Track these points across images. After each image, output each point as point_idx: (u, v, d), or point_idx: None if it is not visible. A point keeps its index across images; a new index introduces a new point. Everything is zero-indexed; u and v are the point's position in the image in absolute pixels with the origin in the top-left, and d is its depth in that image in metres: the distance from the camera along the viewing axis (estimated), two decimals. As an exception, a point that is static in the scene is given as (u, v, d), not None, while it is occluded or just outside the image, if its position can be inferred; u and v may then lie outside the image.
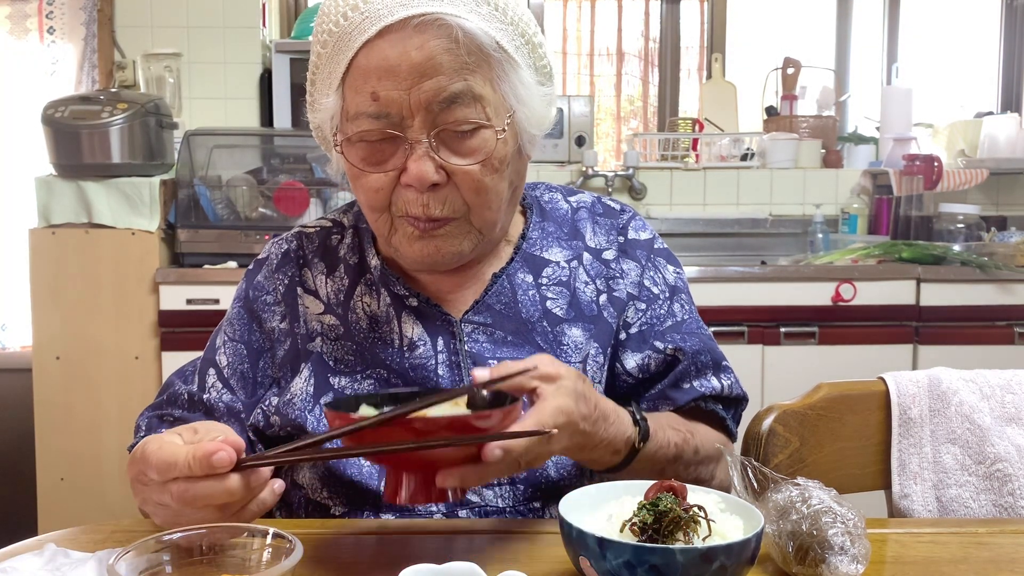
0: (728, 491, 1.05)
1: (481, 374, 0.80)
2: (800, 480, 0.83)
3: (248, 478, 0.76)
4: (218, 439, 0.79)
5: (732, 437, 1.10)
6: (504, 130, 0.95)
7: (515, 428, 0.76)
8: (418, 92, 0.90)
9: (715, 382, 1.06)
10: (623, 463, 0.92)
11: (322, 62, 0.96)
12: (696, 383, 1.05)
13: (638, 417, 0.92)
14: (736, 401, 1.10)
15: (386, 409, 0.79)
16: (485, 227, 0.98)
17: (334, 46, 0.94)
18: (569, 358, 1.02)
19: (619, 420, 0.90)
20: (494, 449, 0.74)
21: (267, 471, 0.78)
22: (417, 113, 0.91)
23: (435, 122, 0.92)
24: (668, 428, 0.97)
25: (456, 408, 0.78)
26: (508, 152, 0.96)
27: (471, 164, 0.93)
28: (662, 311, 1.08)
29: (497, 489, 0.97)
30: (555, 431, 0.78)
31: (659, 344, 1.05)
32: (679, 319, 1.09)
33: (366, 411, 0.80)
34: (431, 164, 0.92)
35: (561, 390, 0.82)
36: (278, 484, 0.80)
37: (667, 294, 1.10)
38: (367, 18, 0.91)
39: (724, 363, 1.09)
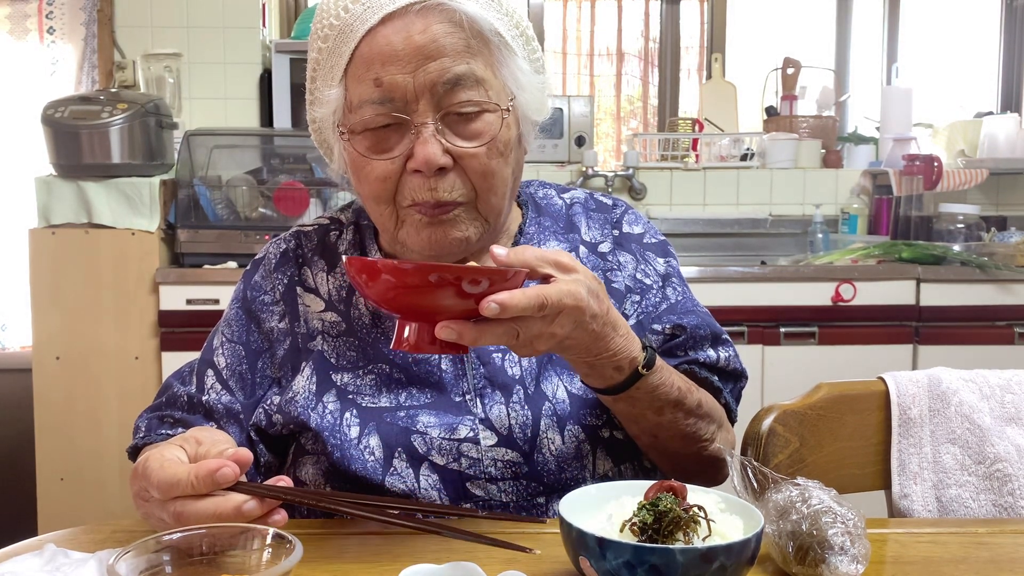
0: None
1: (500, 252, 0.80)
2: (800, 480, 0.83)
3: (240, 506, 0.77)
4: (227, 452, 0.80)
5: (730, 412, 1.08)
6: (508, 110, 0.96)
7: (517, 292, 0.76)
8: (423, 74, 0.91)
9: (711, 352, 1.05)
10: (623, 385, 0.90)
11: (323, 57, 0.97)
12: (691, 353, 1.04)
13: (647, 344, 0.92)
14: (734, 375, 1.08)
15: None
16: (491, 214, 0.99)
17: (335, 39, 0.95)
18: None
19: (629, 336, 0.89)
20: (489, 302, 0.75)
21: (270, 504, 0.79)
22: (422, 96, 0.92)
23: (440, 105, 0.93)
24: (674, 374, 0.96)
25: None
26: (511, 137, 0.97)
27: (477, 147, 0.94)
28: (656, 299, 1.09)
29: (501, 484, 0.97)
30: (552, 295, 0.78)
31: (657, 327, 1.05)
32: (673, 301, 1.09)
33: None
34: (438, 147, 0.93)
35: (575, 281, 0.81)
36: (274, 519, 0.79)
37: (659, 284, 1.10)
38: (368, 8, 0.92)
39: (724, 337, 1.08)
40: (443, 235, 0.97)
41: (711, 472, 1.04)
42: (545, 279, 0.81)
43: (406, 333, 0.79)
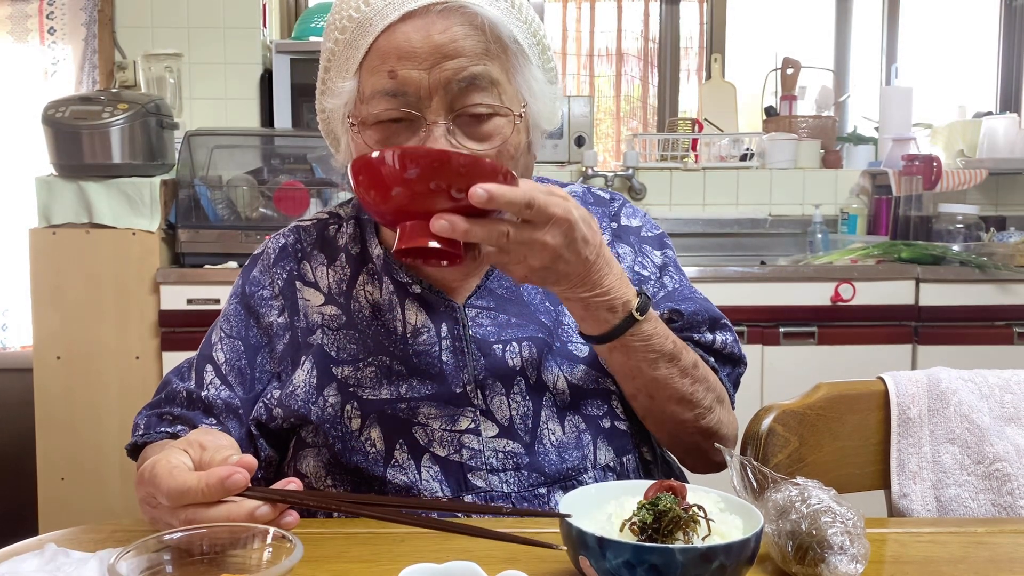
0: (735, 442, 1.05)
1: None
2: (799, 480, 0.83)
3: (253, 511, 0.77)
4: (232, 458, 0.80)
5: (730, 397, 1.08)
6: (521, 116, 0.96)
7: (505, 185, 0.78)
8: (439, 71, 0.91)
9: (708, 335, 1.05)
10: (617, 330, 0.91)
11: (339, 48, 0.97)
12: (687, 334, 1.05)
13: (641, 291, 0.93)
14: (732, 359, 1.08)
15: None
16: None
17: (353, 31, 0.95)
18: (571, 337, 1.03)
19: (623, 279, 0.91)
20: (478, 188, 0.76)
21: (280, 506, 0.78)
22: (435, 94, 0.92)
23: (452, 106, 0.93)
24: (670, 332, 0.96)
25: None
26: (521, 142, 0.98)
27: (488, 149, 0.94)
28: (654, 288, 1.09)
29: (503, 475, 0.97)
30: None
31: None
32: (670, 289, 1.10)
33: None
34: (448, 147, 0.92)
35: (569, 203, 0.83)
36: (286, 520, 0.79)
37: (657, 274, 1.11)
38: (390, 3, 0.92)
39: (723, 322, 1.08)
40: None
41: (709, 449, 1.03)
42: None
43: (406, 231, 0.82)
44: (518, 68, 0.96)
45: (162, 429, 1.01)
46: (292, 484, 0.81)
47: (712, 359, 1.06)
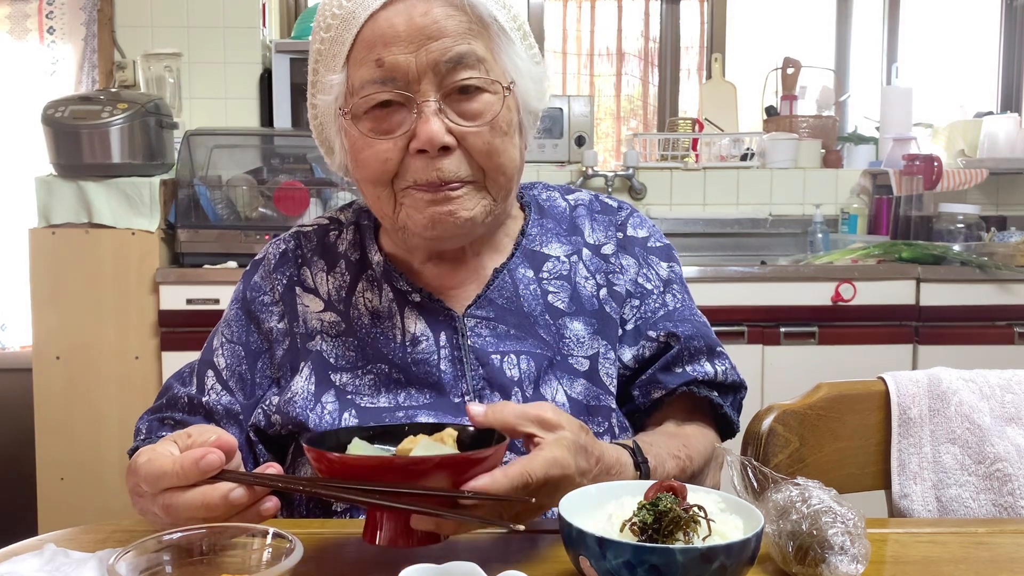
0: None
1: (477, 411, 0.77)
2: (800, 480, 0.83)
3: (227, 495, 0.76)
4: (210, 440, 0.79)
5: (733, 425, 1.08)
6: (509, 89, 0.97)
7: (498, 473, 0.72)
8: (425, 53, 0.92)
9: (708, 367, 1.05)
10: None
11: (326, 47, 0.98)
12: (688, 368, 1.05)
13: (639, 459, 0.90)
14: (733, 388, 1.08)
15: (377, 447, 0.77)
16: (499, 193, 0.99)
17: (338, 27, 0.96)
18: (571, 351, 1.03)
19: (621, 471, 0.87)
20: (469, 493, 0.71)
21: (259, 492, 0.77)
22: (424, 76, 0.93)
23: (442, 84, 0.94)
24: (669, 459, 0.95)
25: (441, 447, 0.75)
26: (512, 119, 0.98)
27: (480, 126, 0.95)
28: (656, 304, 1.09)
29: None
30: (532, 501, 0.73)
31: (652, 333, 1.06)
32: (671, 308, 1.09)
33: (358, 445, 0.77)
34: (441, 125, 0.93)
35: (561, 441, 0.77)
36: (265, 507, 0.78)
37: (660, 288, 1.10)
38: None
39: (719, 349, 1.08)
40: (448, 213, 0.96)
41: None
42: (528, 438, 0.78)
43: (377, 525, 0.73)
44: (502, 46, 0.97)
45: (163, 433, 1.01)
46: (271, 469, 0.80)
47: (716, 394, 1.06)
